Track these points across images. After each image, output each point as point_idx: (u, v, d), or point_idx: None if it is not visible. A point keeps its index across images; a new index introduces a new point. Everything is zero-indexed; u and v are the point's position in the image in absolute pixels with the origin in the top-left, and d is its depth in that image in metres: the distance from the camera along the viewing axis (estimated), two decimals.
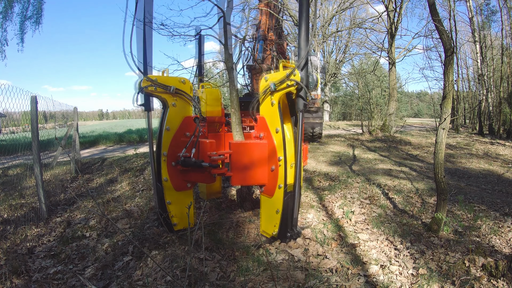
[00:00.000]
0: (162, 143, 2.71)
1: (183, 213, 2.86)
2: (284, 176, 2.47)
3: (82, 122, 63.58)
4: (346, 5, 20.50)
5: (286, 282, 2.39)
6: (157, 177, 2.78)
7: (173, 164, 2.76)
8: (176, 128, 2.75)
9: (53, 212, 4.31)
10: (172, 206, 2.80)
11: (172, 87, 2.66)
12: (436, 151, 3.23)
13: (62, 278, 2.67)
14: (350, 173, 6.06)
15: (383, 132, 13.08)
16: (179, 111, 2.78)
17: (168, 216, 2.81)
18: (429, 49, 14.79)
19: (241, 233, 3.19)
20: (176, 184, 2.78)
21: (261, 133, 2.60)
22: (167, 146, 2.71)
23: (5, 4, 10.43)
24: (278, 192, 2.54)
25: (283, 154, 2.46)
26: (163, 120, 2.76)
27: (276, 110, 2.44)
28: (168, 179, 2.74)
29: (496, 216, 3.73)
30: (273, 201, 2.60)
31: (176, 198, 2.82)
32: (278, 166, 2.50)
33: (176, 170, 2.76)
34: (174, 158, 2.74)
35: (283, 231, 2.61)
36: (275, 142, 2.49)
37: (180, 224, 2.89)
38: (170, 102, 2.74)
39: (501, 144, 10.99)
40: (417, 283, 2.39)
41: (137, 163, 7.41)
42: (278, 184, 2.53)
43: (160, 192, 2.77)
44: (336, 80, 27.17)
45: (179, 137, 2.76)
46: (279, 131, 2.44)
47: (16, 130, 7.23)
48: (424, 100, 43.82)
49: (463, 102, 20.50)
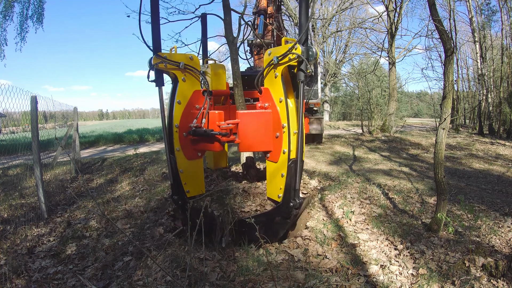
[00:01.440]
0: (174, 115, 2.90)
1: (195, 181, 3.04)
2: (288, 142, 2.65)
3: (82, 122, 63.60)
4: (346, 5, 20.52)
5: (286, 282, 2.40)
6: (169, 148, 2.93)
7: (184, 135, 2.94)
8: (187, 101, 2.94)
9: (53, 212, 4.31)
10: (184, 175, 2.96)
11: (181, 63, 2.83)
12: (436, 151, 3.23)
13: (62, 278, 2.67)
14: (350, 173, 6.06)
15: (383, 132, 13.08)
16: (188, 86, 2.96)
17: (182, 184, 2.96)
18: (429, 49, 14.80)
19: (248, 198, 3.26)
20: (187, 153, 2.97)
21: (266, 103, 2.79)
22: (179, 118, 2.91)
23: (5, 4, 10.43)
24: (282, 157, 2.73)
25: (286, 122, 2.65)
26: (173, 94, 2.93)
27: (280, 82, 2.63)
28: (180, 149, 2.92)
29: (496, 216, 3.73)
30: (278, 166, 2.79)
31: (188, 166, 2.99)
32: (282, 133, 2.71)
33: (187, 140, 2.95)
34: (186, 129, 2.92)
35: (287, 197, 2.74)
36: (279, 111, 2.68)
37: (192, 191, 3.04)
38: (180, 77, 2.91)
39: (501, 144, 10.99)
40: (417, 283, 2.39)
41: (137, 163, 7.41)
42: (282, 150, 2.72)
43: (173, 162, 2.92)
44: (336, 80, 27.15)
45: (190, 110, 2.95)
46: (283, 100, 2.63)
47: (16, 130, 7.24)
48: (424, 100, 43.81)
49: (463, 102, 20.49)
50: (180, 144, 2.93)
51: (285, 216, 2.83)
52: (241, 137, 2.84)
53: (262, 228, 2.84)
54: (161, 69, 2.83)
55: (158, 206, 4.39)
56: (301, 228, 3.35)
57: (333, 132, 15.09)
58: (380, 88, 31.69)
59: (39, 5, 10.96)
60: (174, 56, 2.87)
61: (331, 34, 24.12)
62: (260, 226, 2.75)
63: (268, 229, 2.90)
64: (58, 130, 6.88)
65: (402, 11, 13.77)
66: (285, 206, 2.77)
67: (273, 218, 2.87)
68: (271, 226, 2.91)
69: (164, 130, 2.94)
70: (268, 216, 2.90)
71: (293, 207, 2.75)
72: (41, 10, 11.07)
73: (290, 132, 2.66)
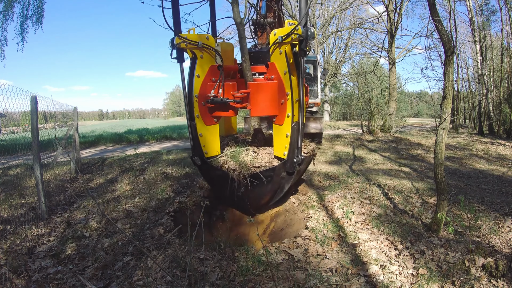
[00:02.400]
0: (194, 87, 3.33)
1: (212, 143, 3.53)
2: (291, 107, 3.12)
3: (82, 122, 63.57)
4: (346, 5, 20.51)
5: (286, 282, 2.40)
6: (190, 115, 3.39)
7: (203, 104, 3.37)
8: (204, 75, 3.37)
9: (53, 212, 4.31)
10: (202, 138, 3.44)
11: (199, 42, 3.23)
12: (436, 151, 3.23)
13: (62, 278, 2.67)
14: (350, 173, 6.06)
15: (383, 132, 13.07)
16: (205, 61, 3.36)
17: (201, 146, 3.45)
18: (429, 49, 14.74)
19: (258, 157, 3.62)
20: (205, 119, 3.43)
21: (272, 76, 3.27)
22: (198, 89, 3.34)
23: (5, 4, 10.42)
24: (287, 120, 3.19)
25: (290, 91, 3.11)
26: (193, 69, 3.34)
27: (284, 57, 3.08)
28: (199, 116, 3.39)
29: (496, 216, 3.73)
30: (283, 127, 3.26)
31: (206, 131, 3.46)
32: (286, 100, 3.16)
33: (205, 108, 3.40)
34: (204, 99, 3.36)
35: (291, 154, 3.20)
36: (283, 82, 3.15)
37: (210, 152, 3.53)
38: (198, 54, 3.31)
39: (501, 144, 10.99)
40: (417, 283, 2.39)
41: (137, 163, 7.41)
42: (287, 114, 3.18)
43: (193, 128, 3.40)
44: (336, 80, 27.14)
45: (207, 82, 3.38)
46: (286, 73, 3.09)
47: (16, 130, 7.24)
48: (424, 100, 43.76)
49: (463, 102, 20.48)
50: (199, 112, 3.38)
51: (290, 171, 3.29)
52: (252, 104, 3.35)
53: (270, 182, 3.35)
54: (182, 48, 3.25)
55: (158, 206, 4.39)
56: (301, 228, 3.36)
57: (333, 132, 15.08)
58: (380, 88, 31.70)
59: (39, 6, 10.96)
60: (192, 36, 3.26)
61: (331, 34, 24.12)
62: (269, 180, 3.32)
63: (275, 183, 3.38)
64: (58, 130, 6.88)
65: (402, 11, 13.77)
66: (290, 162, 3.24)
67: (280, 173, 3.33)
68: (278, 181, 3.38)
69: (185, 100, 3.41)
70: (276, 171, 3.33)
71: (296, 162, 3.21)
72: (41, 11, 11.07)
73: (293, 99, 3.11)
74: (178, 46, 3.21)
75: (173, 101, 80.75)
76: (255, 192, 3.43)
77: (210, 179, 3.81)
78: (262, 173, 3.25)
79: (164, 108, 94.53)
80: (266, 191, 3.47)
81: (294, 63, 3.19)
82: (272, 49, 3.18)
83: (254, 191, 3.40)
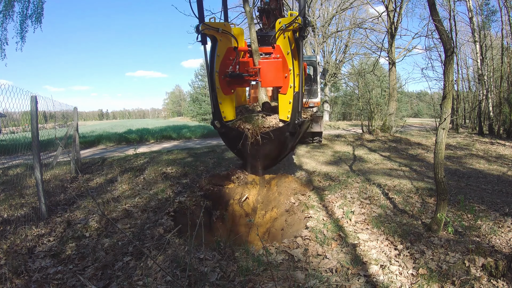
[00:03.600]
0: (215, 64, 4.07)
1: (229, 110, 4.32)
2: (293, 80, 3.80)
3: (82, 122, 63.51)
4: (346, 5, 20.51)
5: (286, 282, 2.40)
6: (212, 87, 4.11)
7: (222, 77, 4.13)
8: (223, 54, 4.12)
9: (53, 212, 4.31)
10: (222, 105, 4.20)
11: (219, 28, 3.96)
12: (436, 151, 3.23)
13: (62, 278, 2.67)
14: (350, 173, 6.06)
15: (383, 132, 13.07)
16: (224, 44, 4.11)
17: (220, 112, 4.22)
18: (429, 49, 14.74)
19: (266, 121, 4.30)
20: (224, 90, 4.19)
21: (278, 55, 4.05)
22: (218, 66, 4.09)
23: (5, 3, 10.41)
24: (289, 90, 3.89)
25: (292, 67, 3.77)
26: (214, 50, 4.07)
27: (287, 41, 3.77)
28: (219, 87, 4.14)
29: (496, 216, 3.73)
30: (287, 96, 3.97)
31: (224, 99, 4.22)
32: (289, 74, 3.85)
33: (224, 81, 4.17)
34: (223, 73, 4.12)
35: (293, 116, 3.90)
36: (286, 60, 3.86)
37: (227, 117, 4.29)
38: (218, 38, 4.03)
39: (501, 144, 10.99)
40: (417, 283, 2.39)
41: (137, 163, 7.41)
42: (289, 85, 3.87)
43: (214, 97, 4.15)
44: (336, 80, 27.11)
45: (226, 60, 4.15)
46: (289, 53, 3.79)
47: (16, 130, 7.23)
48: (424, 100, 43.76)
49: (463, 102, 20.48)
50: (219, 84, 4.13)
51: (292, 131, 4.00)
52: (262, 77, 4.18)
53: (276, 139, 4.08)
54: (205, 33, 3.94)
55: (158, 206, 4.39)
56: (301, 228, 3.36)
57: (333, 132, 15.08)
58: (380, 88, 31.69)
59: (38, 5, 10.94)
60: (214, 24, 3.99)
61: (331, 34, 24.11)
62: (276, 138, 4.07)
63: (281, 142, 4.11)
64: (58, 130, 6.87)
65: (402, 11, 13.77)
66: (292, 123, 3.94)
67: (284, 132, 4.06)
68: (283, 139, 4.11)
69: (208, 75, 4.16)
70: (281, 130, 4.08)
71: (297, 124, 3.92)
72: (41, 10, 11.04)
73: (294, 73, 3.78)
74: (203, 32, 3.88)
75: (173, 101, 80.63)
76: (265, 148, 4.18)
77: (228, 139, 4.53)
78: (271, 131, 4.05)
79: (164, 108, 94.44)
80: (273, 147, 4.21)
81: (296, 45, 3.87)
82: (277, 35, 3.94)
83: (264, 147, 4.16)
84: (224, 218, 4.46)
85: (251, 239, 4.46)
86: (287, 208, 4.41)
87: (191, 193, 4.96)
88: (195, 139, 14.12)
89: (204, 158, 7.87)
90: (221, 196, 5.38)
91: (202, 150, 9.35)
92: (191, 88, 45.15)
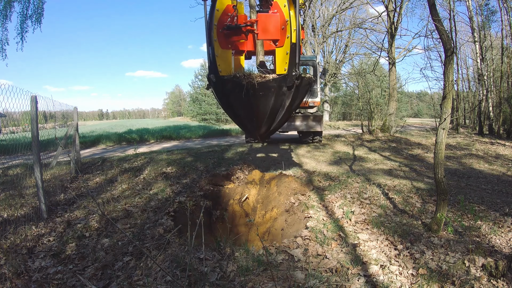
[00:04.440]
0: (214, 18, 4.04)
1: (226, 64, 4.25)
2: (290, 31, 3.78)
3: (82, 122, 63.47)
4: (346, 5, 20.50)
5: (286, 282, 2.40)
6: (209, 40, 4.07)
7: (220, 31, 4.09)
8: (223, 9, 4.16)
9: (53, 212, 4.31)
10: (218, 58, 4.11)
11: None
12: (436, 151, 3.23)
13: (62, 278, 2.67)
14: (350, 173, 6.06)
15: (383, 132, 13.07)
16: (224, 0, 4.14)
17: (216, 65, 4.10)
18: (429, 49, 14.71)
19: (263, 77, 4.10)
20: (221, 43, 4.16)
21: (275, 10, 4.04)
22: (217, 20, 4.08)
23: (5, 3, 10.40)
24: (286, 41, 3.85)
25: (289, 19, 3.78)
26: (214, 5, 4.08)
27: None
28: (216, 40, 4.08)
29: (496, 216, 3.73)
30: (284, 48, 3.92)
31: (221, 53, 4.16)
32: (286, 25, 3.85)
33: (222, 34, 4.14)
34: (221, 27, 4.08)
35: (290, 69, 3.79)
36: (283, 13, 3.89)
37: (223, 71, 4.19)
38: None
39: (501, 144, 10.99)
40: (417, 283, 2.39)
41: (137, 163, 7.41)
42: (286, 35, 3.85)
43: (211, 49, 4.07)
44: (336, 80, 27.12)
45: (224, 15, 4.15)
46: (286, 6, 3.81)
47: (16, 130, 7.23)
48: (424, 100, 43.79)
49: (463, 102, 20.48)
50: (217, 37, 4.10)
51: (290, 85, 3.84)
52: (259, 29, 4.15)
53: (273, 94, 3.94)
54: None
55: (158, 206, 4.39)
56: (301, 228, 3.36)
57: (333, 132, 15.08)
58: (380, 88, 31.69)
59: (38, 5, 10.94)
60: None
61: (331, 34, 24.10)
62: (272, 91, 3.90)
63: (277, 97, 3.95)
64: (58, 130, 6.87)
65: (402, 11, 13.76)
66: (289, 75, 3.81)
67: (281, 86, 3.87)
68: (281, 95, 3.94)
69: (206, 29, 4.15)
70: (278, 82, 3.88)
71: (295, 76, 3.77)
72: (41, 10, 11.04)
73: (291, 26, 3.79)
74: None
75: (173, 101, 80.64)
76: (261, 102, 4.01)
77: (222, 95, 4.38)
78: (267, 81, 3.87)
79: (164, 108, 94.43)
80: (270, 103, 4.03)
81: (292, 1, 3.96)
82: None
83: (260, 100, 3.98)
84: (224, 218, 4.45)
85: (251, 239, 4.47)
86: (287, 208, 4.41)
87: (191, 193, 4.97)
88: (195, 139, 14.13)
89: (204, 158, 7.87)
90: (221, 196, 5.39)
91: (202, 150, 9.35)
92: (191, 88, 45.12)
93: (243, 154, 8.42)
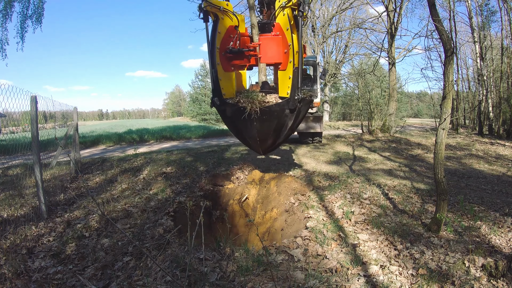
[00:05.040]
0: (216, 41, 4.08)
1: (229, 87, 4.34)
2: (293, 55, 3.81)
3: (82, 122, 63.48)
4: (346, 5, 20.52)
5: (286, 282, 2.40)
6: (212, 62, 4.11)
7: (223, 54, 4.14)
8: (225, 32, 4.15)
9: (53, 212, 4.31)
10: (222, 81, 4.19)
11: (221, 6, 4.00)
12: (436, 151, 3.23)
13: (62, 278, 2.67)
14: (350, 173, 6.06)
15: (383, 133, 13.07)
16: (225, 22, 4.15)
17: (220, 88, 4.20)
18: (429, 49, 14.73)
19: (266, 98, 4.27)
20: (224, 66, 4.20)
21: (277, 32, 4.06)
22: (219, 43, 4.11)
23: (5, 3, 10.40)
24: (289, 65, 3.89)
25: (291, 43, 3.81)
26: (215, 27, 4.11)
27: (286, 18, 3.79)
28: (219, 63, 4.14)
29: (496, 216, 3.73)
30: (287, 72, 3.94)
31: (224, 76, 4.22)
32: (289, 49, 3.87)
33: (225, 57, 4.19)
34: (224, 50, 4.13)
35: (293, 92, 3.84)
36: (286, 36, 3.89)
37: (227, 94, 4.29)
38: (220, 16, 4.08)
39: (501, 144, 10.99)
40: (417, 283, 2.39)
41: (137, 163, 7.41)
42: (289, 60, 3.87)
43: (214, 73, 4.13)
44: (336, 80, 27.11)
45: (226, 37, 4.17)
46: (288, 29, 3.82)
47: (16, 130, 7.23)
48: (424, 100, 43.79)
49: (463, 102, 20.50)
50: (220, 60, 4.15)
51: (292, 108, 3.89)
52: (262, 53, 4.19)
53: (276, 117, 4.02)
54: (207, 10, 4.01)
55: (158, 206, 4.39)
56: (301, 228, 3.36)
57: (333, 132, 15.08)
58: (380, 88, 31.70)
59: (39, 5, 10.93)
60: (215, 1, 4.02)
61: (331, 34, 24.11)
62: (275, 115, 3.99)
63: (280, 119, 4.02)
64: (58, 130, 6.87)
65: (402, 11, 13.77)
66: (292, 99, 3.86)
67: (284, 109, 3.95)
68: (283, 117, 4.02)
69: (209, 52, 4.17)
70: (281, 106, 3.97)
71: (297, 100, 3.82)
72: (41, 10, 11.04)
73: (294, 49, 3.80)
74: (205, 9, 3.96)
75: (173, 101, 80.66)
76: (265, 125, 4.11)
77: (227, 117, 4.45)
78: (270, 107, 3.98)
79: (164, 108, 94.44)
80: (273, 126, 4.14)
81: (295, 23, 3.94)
82: (277, 12, 3.99)
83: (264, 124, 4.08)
84: (224, 218, 4.45)
85: (251, 239, 4.47)
86: (287, 208, 4.41)
87: (191, 193, 4.97)
88: (195, 139, 14.13)
89: (204, 158, 7.87)
90: (221, 196, 5.39)
91: (202, 150, 9.35)
92: (191, 88, 45.09)
93: (243, 154, 8.42)
